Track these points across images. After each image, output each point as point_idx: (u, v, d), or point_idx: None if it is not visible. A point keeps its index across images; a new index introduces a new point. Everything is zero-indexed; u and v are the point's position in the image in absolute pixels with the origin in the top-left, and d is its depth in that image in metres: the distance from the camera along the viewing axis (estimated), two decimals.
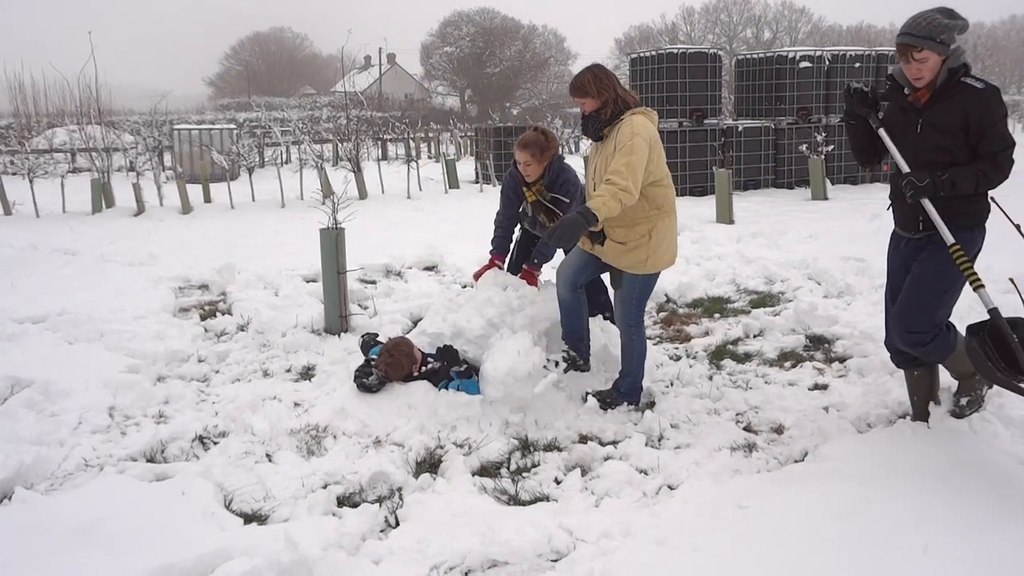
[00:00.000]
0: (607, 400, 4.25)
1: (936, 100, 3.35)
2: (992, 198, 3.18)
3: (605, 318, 5.11)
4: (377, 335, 5.04)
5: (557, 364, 4.39)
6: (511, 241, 5.10)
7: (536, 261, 4.76)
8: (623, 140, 3.86)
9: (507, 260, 5.14)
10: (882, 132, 3.51)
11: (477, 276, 4.97)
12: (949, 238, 3.28)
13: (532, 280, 4.76)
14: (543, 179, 4.72)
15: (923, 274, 3.42)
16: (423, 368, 4.35)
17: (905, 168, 3.41)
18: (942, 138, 3.34)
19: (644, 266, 4.09)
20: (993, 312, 3.20)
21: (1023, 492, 3.05)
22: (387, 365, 4.26)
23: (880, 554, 2.71)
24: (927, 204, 3.33)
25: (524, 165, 4.68)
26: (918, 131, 3.42)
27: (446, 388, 4.25)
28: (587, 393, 4.29)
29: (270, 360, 5.21)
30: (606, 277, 4.73)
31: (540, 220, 4.82)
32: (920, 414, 3.77)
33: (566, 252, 4.20)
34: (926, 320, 3.41)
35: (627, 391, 4.27)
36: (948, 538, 2.76)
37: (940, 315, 3.46)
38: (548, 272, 5.27)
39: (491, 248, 5.05)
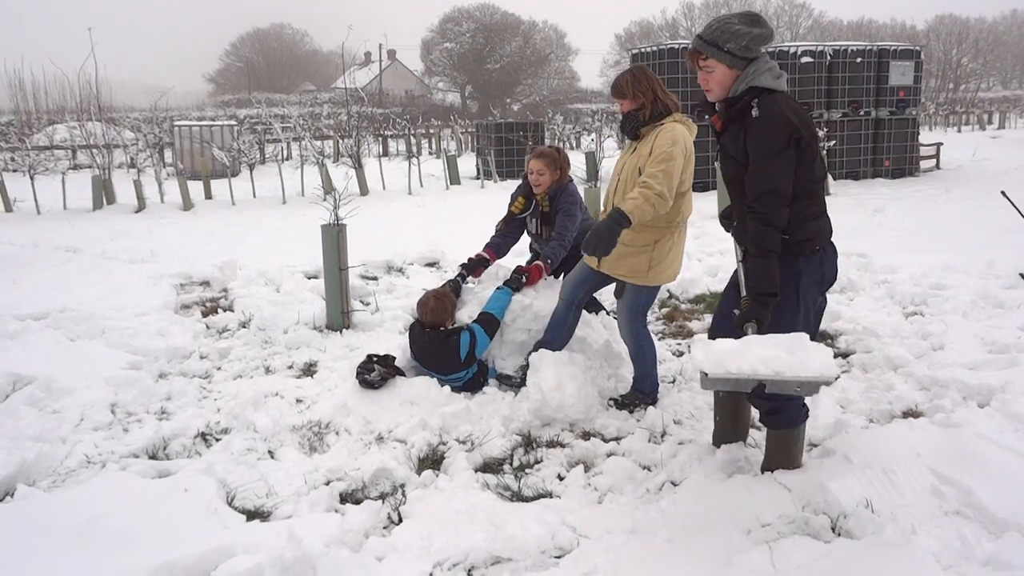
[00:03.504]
0: (628, 403, 4.24)
1: (728, 126, 2.97)
2: (1003, 192, 3.08)
3: (607, 314, 5.10)
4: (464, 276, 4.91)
5: (510, 379, 4.35)
6: (508, 245, 5.05)
7: (550, 261, 4.74)
8: (663, 146, 3.82)
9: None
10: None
11: (471, 270, 4.90)
12: None
13: (538, 275, 4.72)
14: (548, 192, 4.76)
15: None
16: (452, 324, 4.49)
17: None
18: (733, 167, 2.99)
19: (645, 276, 4.02)
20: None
21: None
22: (431, 308, 4.44)
23: (883, 549, 2.70)
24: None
25: (537, 174, 4.71)
26: (717, 158, 3.11)
27: (461, 331, 4.37)
28: (609, 401, 4.28)
29: (272, 357, 5.20)
30: None
31: (539, 230, 4.88)
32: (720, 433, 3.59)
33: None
34: None
35: (650, 391, 4.28)
36: (952, 534, 2.75)
37: None
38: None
39: (489, 246, 5.01)
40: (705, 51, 2.91)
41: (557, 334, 4.36)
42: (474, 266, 4.90)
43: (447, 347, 4.33)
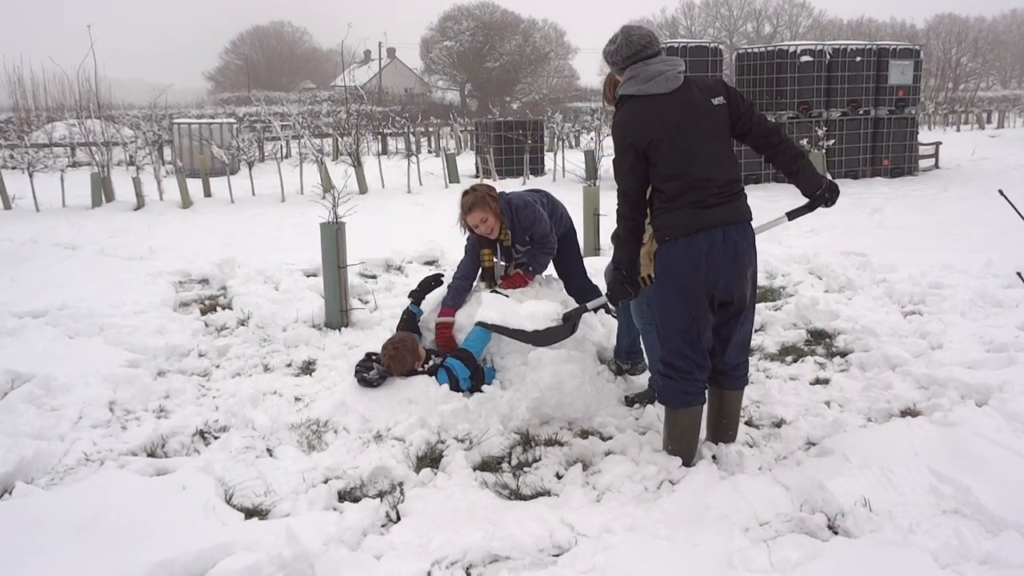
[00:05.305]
0: (647, 399, 4.23)
1: None
2: (1000, 191, 3.08)
3: (608, 313, 5.09)
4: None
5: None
6: (467, 295, 4.74)
7: (531, 270, 4.69)
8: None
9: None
10: None
11: (439, 334, 4.61)
12: None
13: (521, 281, 4.65)
14: (504, 225, 4.59)
15: None
16: (426, 365, 4.34)
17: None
18: None
19: (648, 267, 4.01)
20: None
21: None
22: (390, 359, 4.25)
23: (881, 548, 2.70)
24: None
25: (483, 224, 4.51)
26: None
27: (438, 369, 4.26)
28: (626, 398, 4.28)
29: (271, 355, 5.20)
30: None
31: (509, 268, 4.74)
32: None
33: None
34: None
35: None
36: (950, 532, 2.76)
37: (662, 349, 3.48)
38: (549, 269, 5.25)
39: (447, 304, 4.63)
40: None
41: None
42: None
43: (428, 386, 4.21)
